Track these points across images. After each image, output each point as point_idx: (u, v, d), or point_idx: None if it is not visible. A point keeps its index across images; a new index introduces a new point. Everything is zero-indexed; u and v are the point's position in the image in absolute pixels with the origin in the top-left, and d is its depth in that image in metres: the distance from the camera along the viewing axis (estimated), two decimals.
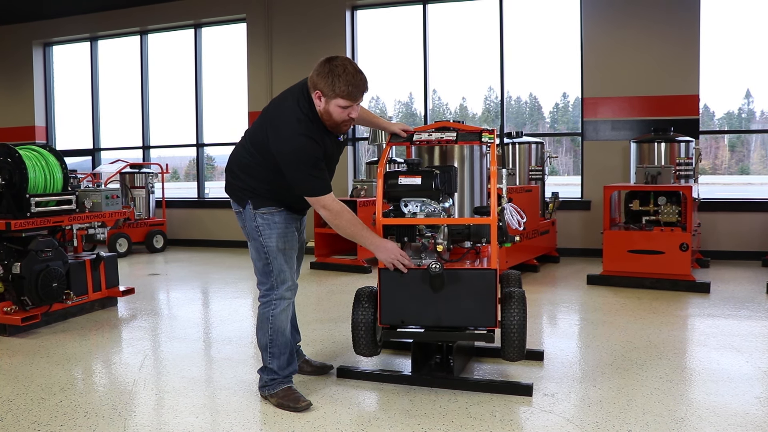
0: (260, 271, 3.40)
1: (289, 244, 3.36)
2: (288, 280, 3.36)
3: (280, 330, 3.37)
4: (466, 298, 3.36)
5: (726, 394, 3.45)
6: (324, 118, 3.17)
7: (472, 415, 3.22)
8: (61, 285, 5.09)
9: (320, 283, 6.97)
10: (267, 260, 3.33)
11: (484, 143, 3.60)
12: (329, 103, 3.11)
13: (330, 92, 3.07)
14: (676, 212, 6.43)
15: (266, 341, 3.39)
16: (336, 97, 3.07)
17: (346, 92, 3.06)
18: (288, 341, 3.42)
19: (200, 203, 11.19)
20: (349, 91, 3.06)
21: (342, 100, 3.09)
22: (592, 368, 3.93)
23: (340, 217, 3.19)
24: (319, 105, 3.14)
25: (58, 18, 11.72)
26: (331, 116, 3.14)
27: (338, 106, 3.11)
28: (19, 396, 3.60)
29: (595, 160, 8.73)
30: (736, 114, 10.50)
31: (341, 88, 3.05)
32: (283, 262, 3.33)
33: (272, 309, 3.37)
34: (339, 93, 3.06)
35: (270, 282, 3.37)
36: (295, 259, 3.43)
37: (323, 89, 3.08)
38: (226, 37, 11.14)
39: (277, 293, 3.36)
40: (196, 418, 3.26)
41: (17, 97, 12.30)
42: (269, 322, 3.37)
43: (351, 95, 3.08)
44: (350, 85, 3.05)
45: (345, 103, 3.10)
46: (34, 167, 5.07)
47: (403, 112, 11.65)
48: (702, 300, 5.82)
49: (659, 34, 8.34)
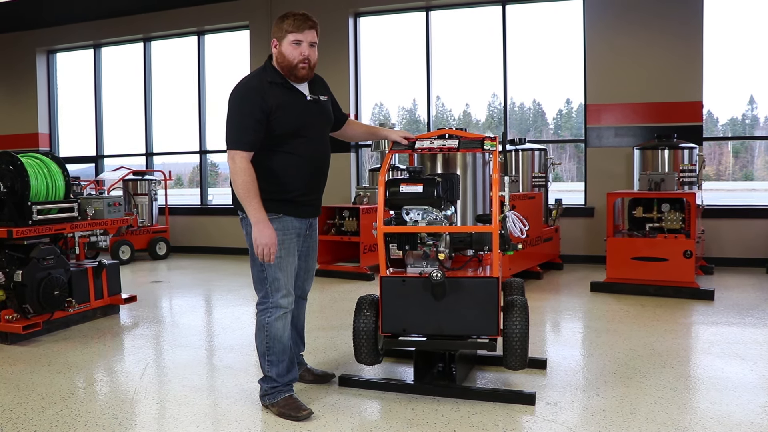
0: (255, 278, 3.41)
1: (285, 252, 3.33)
2: (282, 288, 3.34)
3: (276, 337, 3.35)
4: (468, 307, 3.35)
5: (730, 403, 3.43)
6: (280, 62, 3.29)
7: (475, 424, 3.20)
8: (63, 293, 5.09)
9: (323, 291, 6.95)
10: (261, 267, 3.33)
11: (486, 151, 3.58)
12: (282, 44, 3.26)
13: (280, 33, 3.25)
14: (679, 219, 6.41)
15: (263, 349, 3.39)
16: (286, 33, 3.24)
17: (292, 24, 3.23)
18: (286, 348, 3.39)
19: (203, 210, 11.18)
20: (295, 23, 3.23)
21: (291, 35, 3.23)
22: (596, 376, 3.90)
23: (238, 176, 3.18)
24: (275, 53, 3.30)
25: (62, 25, 11.74)
26: (284, 57, 3.26)
27: (290, 44, 3.24)
28: (19, 405, 3.59)
29: (599, 167, 8.71)
30: (739, 120, 10.46)
31: (288, 22, 3.23)
32: (277, 270, 3.31)
33: (268, 316, 3.36)
34: (287, 28, 3.23)
35: (265, 289, 3.36)
36: (292, 267, 3.39)
37: (276, 34, 3.28)
38: (230, 44, 11.16)
39: (273, 301, 3.35)
40: (197, 427, 3.24)
41: (21, 104, 12.33)
42: (265, 329, 3.36)
43: (297, 27, 3.23)
44: (295, 18, 3.24)
45: (294, 37, 3.23)
46: (36, 175, 5.07)
47: (406, 118, 11.63)
48: (706, 307, 5.79)
49: (662, 41, 8.33)
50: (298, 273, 3.61)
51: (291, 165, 3.30)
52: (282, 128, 3.24)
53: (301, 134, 3.30)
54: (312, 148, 3.36)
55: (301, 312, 3.78)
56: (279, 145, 3.27)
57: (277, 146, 3.27)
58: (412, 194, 3.35)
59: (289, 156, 3.29)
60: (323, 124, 3.47)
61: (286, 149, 3.28)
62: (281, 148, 3.28)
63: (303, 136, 3.31)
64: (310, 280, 3.72)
